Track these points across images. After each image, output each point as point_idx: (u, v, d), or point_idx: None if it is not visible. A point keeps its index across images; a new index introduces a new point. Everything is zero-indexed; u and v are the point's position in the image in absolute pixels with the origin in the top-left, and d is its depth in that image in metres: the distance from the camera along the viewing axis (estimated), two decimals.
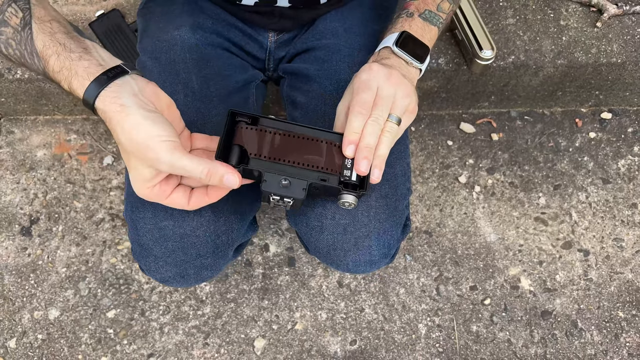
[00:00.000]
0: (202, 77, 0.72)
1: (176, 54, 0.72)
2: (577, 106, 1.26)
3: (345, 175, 0.58)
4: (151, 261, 0.67)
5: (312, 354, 1.02)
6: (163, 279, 0.69)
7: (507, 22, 1.12)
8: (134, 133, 0.49)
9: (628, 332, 1.06)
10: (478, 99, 1.21)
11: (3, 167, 1.16)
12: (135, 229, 0.67)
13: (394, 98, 0.58)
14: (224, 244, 0.68)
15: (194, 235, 0.65)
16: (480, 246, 1.12)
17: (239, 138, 0.57)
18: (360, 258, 0.68)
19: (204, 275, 0.70)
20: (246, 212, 0.71)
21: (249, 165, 0.56)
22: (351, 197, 0.58)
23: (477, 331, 1.05)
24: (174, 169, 0.50)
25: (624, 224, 1.15)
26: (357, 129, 0.56)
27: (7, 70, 1.06)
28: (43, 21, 0.51)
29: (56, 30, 0.52)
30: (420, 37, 0.65)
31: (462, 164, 1.20)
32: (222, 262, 0.71)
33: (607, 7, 1.10)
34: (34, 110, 1.19)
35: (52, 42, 0.51)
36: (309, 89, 0.73)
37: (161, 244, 0.65)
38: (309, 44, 0.78)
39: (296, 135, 0.59)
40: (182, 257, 0.66)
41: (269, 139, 0.58)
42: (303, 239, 0.74)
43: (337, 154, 0.59)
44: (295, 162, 0.57)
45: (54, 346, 1.02)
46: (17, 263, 1.08)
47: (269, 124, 0.59)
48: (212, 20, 0.77)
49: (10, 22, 0.51)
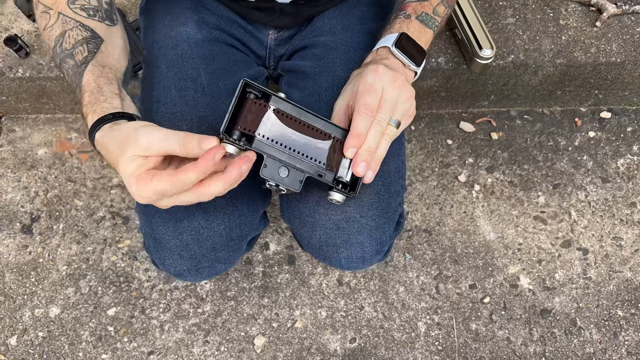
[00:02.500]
0: (210, 72, 0.72)
1: (183, 50, 0.73)
2: (576, 105, 1.26)
3: (340, 175, 0.59)
4: (166, 255, 0.67)
5: (312, 351, 1.02)
6: (178, 273, 0.70)
7: (507, 21, 1.12)
8: (118, 134, 0.52)
9: (627, 330, 1.06)
10: (478, 98, 1.21)
11: (4, 166, 1.17)
12: (149, 222, 0.67)
13: (397, 102, 0.59)
14: (237, 236, 0.68)
15: (208, 228, 0.65)
16: (480, 245, 1.12)
17: (247, 111, 0.55)
18: (353, 254, 0.69)
19: (218, 268, 0.71)
20: (258, 205, 0.72)
21: (252, 146, 0.55)
22: (339, 196, 0.59)
23: (477, 329, 1.05)
24: (152, 139, 0.49)
25: (623, 223, 1.15)
26: (362, 132, 0.57)
27: (8, 69, 1.07)
28: (99, 65, 0.59)
29: (104, 75, 0.59)
30: (417, 40, 0.65)
31: (461, 162, 1.20)
32: (235, 255, 0.71)
33: (606, 6, 1.11)
34: (35, 108, 1.19)
35: (94, 82, 0.58)
36: (305, 86, 0.74)
37: (176, 237, 0.66)
38: (306, 41, 0.78)
39: (304, 123, 0.58)
40: (196, 250, 0.66)
41: (276, 122, 0.56)
42: (296, 235, 0.75)
43: (338, 150, 0.59)
44: (297, 152, 0.57)
45: (55, 344, 1.02)
46: (18, 261, 1.08)
47: (280, 104, 0.57)
48: (215, 16, 0.78)
49: (76, 57, 0.60)
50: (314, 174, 0.58)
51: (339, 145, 0.59)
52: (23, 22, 1.10)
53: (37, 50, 1.08)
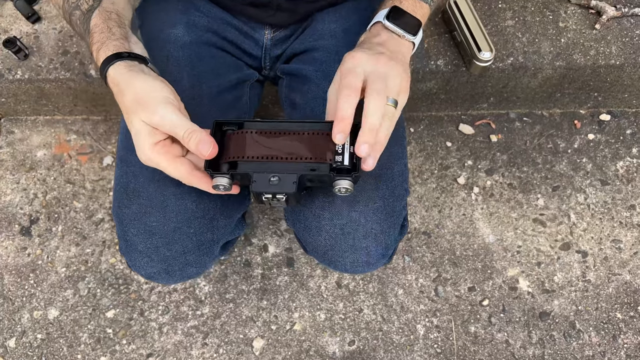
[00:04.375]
0: (194, 75, 0.72)
1: (169, 52, 0.73)
2: (575, 108, 1.26)
3: (337, 161, 0.56)
4: (136, 257, 0.67)
5: (311, 354, 1.02)
6: (148, 275, 0.70)
7: (506, 23, 1.12)
8: (138, 86, 0.55)
9: (626, 333, 1.06)
10: (477, 100, 1.21)
11: (3, 167, 1.17)
12: (121, 224, 0.67)
13: (386, 77, 0.56)
14: (208, 241, 0.68)
15: (178, 231, 0.65)
16: (479, 247, 1.12)
17: (228, 144, 0.58)
18: (358, 259, 0.69)
19: (189, 271, 0.70)
20: (233, 210, 0.71)
21: (237, 170, 0.56)
22: (346, 182, 0.55)
23: (476, 332, 1.05)
24: (164, 121, 0.54)
25: (622, 226, 1.15)
26: (347, 114, 0.53)
27: (7, 71, 1.07)
28: (105, 10, 0.62)
29: (112, 18, 0.62)
30: (412, 13, 0.63)
31: (460, 165, 1.20)
32: (207, 260, 0.71)
33: (605, 9, 1.11)
34: (34, 110, 1.19)
35: (103, 24, 0.61)
36: (307, 90, 0.74)
37: (146, 239, 0.66)
38: (307, 45, 0.78)
39: (281, 131, 0.58)
40: (166, 253, 0.66)
41: (254, 141, 0.57)
42: (301, 239, 0.74)
43: (326, 142, 0.56)
44: (282, 158, 0.56)
45: (53, 346, 1.02)
46: (16, 263, 1.08)
47: (254, 126, 0.59)
48: (207, 18, 0.78)
49: (82, 7, 0.64)
50: (306, 170, 0.56)
51: (325, 137, 0.57)
52: (22, 24, 1.10)
53: (36, 52, 1.08)
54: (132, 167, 0.67)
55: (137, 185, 0.66)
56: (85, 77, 1.07)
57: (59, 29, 1.10)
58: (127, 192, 0.67)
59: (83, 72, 1.07)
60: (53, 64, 1.07)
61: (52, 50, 1.08)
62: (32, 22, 1.09)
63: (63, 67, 1.07)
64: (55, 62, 1.07)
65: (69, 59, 1.08)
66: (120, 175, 0.69)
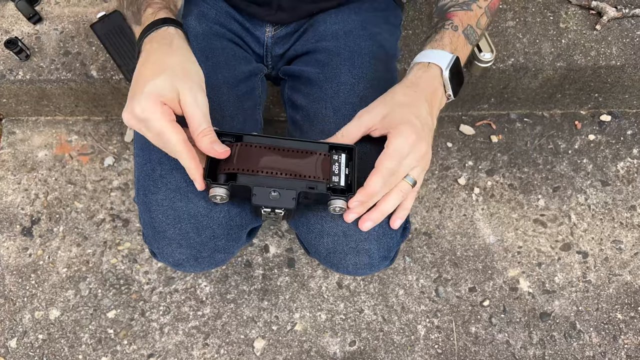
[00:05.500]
0: (210, 65, 0.72)
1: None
2: (576, 108, 1.26)
3: (334, 181, 0.60)
4: (165, 244, 0.67)
5: (312, 354, 1.03)
6: (176, 263, 0.69)
7: (507, 24, 1.13)
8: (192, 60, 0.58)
9: (626, 333, 1.06)
10: (478, 101, 1.21)
11: (4, 168, 1.17)
12: (148, 211, 0.66)
13: (415, 164, 0.60)
14: (237, 225, 0.68)
15: (208, 216, 0.65)
16: (480, 248, 1.12)
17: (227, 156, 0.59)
18: (361, 261, 0.69)
19: (217, 258, 0.70)
20: None
21: (237, 182, 0.58)
22: (340, 202, 0.60)
23: (476, 332, 1.05)
24: (197, 103, 0.55)
25: (623, 226, 1.15)
26: (375, 192, 0.59)
27: (8, 71, 1.07)
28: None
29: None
30: (461, 58, 0.66)
31: (461, 165, 1.20)
32: (235, 245, 0.70)
33: (606, 10, 1.11)
34: (35, 111, 1.19)
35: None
36: (309, 92, 0.74)
37: (175, 225, 0.65)
38: (309, 46, 0.78)
39: (282, 148, 0.60)
40: (196, 238, 0.66)
41: (255, 154, 0.59)
42: (303, 241, 0.74)
43: (324, 162, 0.60)
44: (283, 174, 0.59)
45: (55, 346, 1.02)
46: (18, 263, 1.08)
47: (254, 140, 0.60)
48: (214, 10, 0.78)
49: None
50: (305, 188, 0.59)
51: (324, 158, 0.60)
52: (23, 25, 1.10)
53: (38, 53, 1.08)
54: (156, 154, 0.66)
55: (164, 171, 0.66)
56: (87, 77, 1.07)
57: (60, 29, 1.10)
58: (153, 178, 0.66)
59: (84, 73, 1.07)
60: (54, 65, 1.07)
61: (53, 51, 1.08)
62: (34, 22, 1.10)
63: (64, 68, 1.07)
64: (57, 62, 1.08)
65: (70, 60, 1.08)
66: (143, 163, 0.68)
